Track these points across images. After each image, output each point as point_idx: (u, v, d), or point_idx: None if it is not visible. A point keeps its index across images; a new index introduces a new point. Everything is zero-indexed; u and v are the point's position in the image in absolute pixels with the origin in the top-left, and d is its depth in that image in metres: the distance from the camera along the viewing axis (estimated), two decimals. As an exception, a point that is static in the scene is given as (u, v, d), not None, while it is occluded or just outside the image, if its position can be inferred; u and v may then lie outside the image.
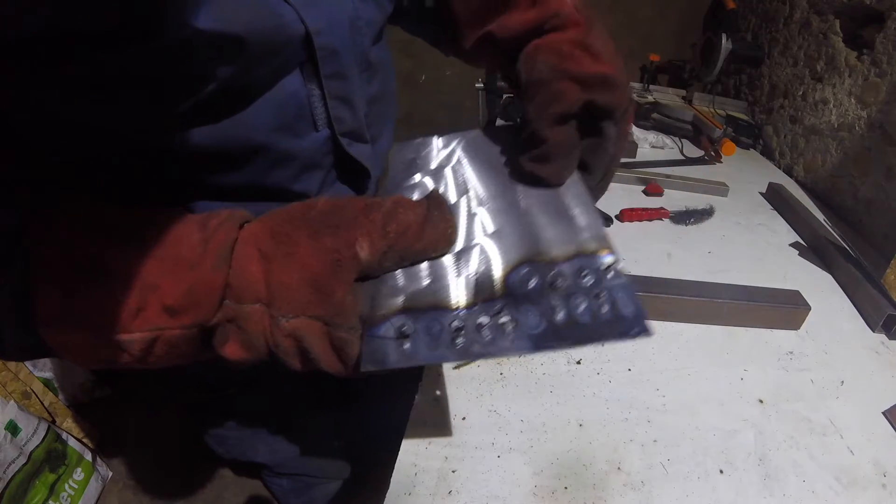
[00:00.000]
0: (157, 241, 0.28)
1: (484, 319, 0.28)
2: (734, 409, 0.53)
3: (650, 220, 0.88)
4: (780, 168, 1.22)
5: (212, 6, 0.29)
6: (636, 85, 1.41)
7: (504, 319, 0.28)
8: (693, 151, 1.22)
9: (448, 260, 0.31)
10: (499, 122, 1.31)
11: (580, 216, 0.33)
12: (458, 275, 0.30)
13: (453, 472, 0.44)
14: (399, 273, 0.30)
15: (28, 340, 0.29)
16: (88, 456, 1.22)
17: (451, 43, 0.47)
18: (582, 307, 0.29)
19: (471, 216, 0.34)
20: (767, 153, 1.29)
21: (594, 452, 0.47)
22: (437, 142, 0.41)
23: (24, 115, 0.31)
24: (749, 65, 1.34)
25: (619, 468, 0.46)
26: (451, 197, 0.35)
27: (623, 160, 1.11)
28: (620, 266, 0.31)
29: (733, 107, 1.38)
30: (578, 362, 0.57)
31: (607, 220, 0.85)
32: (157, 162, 0.36)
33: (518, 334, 0.28)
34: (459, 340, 0.28)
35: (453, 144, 0.40)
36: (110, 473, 1.29)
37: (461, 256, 0.31)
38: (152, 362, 0.30)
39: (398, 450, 0.46)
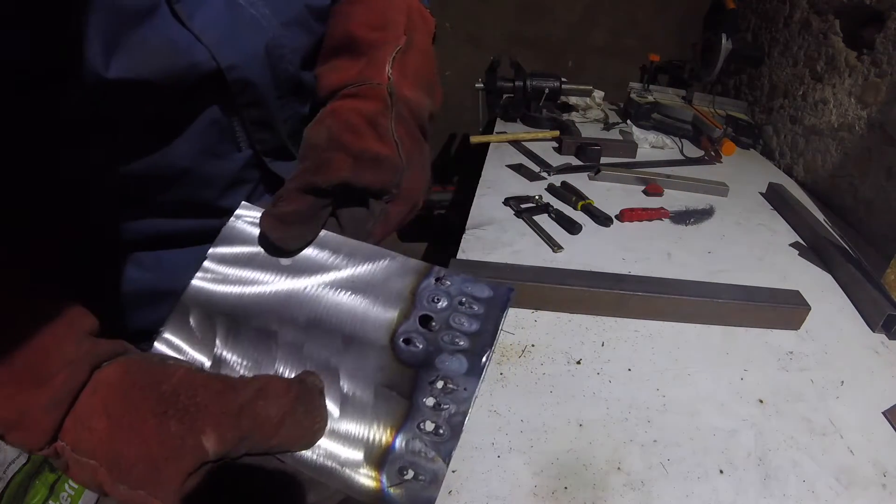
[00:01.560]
0: (21, 341, 0.27)
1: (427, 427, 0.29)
2: (734, 409, 0.53)
3: (650, 220, 0.88)
4: (780, 168, 1.22)
5: (121, 55, 0.30)
6: (636, 85, 1.41)
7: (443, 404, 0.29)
8: (693, 151, 1.22)
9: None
10: (498, 124, 1.30)
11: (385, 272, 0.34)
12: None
13: (453, 472, 0.44)
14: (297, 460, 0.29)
15: None
16: (88, 456, 1.22)
17: None
18: (464, 320, 0.31)
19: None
20: (767, 153, 1.29)
21: (594, 452, 0.47)
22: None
23: None
24: (749, 65, 1.34)
25: (619, 468, 0.46)
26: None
27: (623, 160, 1.11)
28: (441, 270, 0.33)
29: (733, 107, 1.38)
30: (578, 362, 0.57)
31: (607, 220, 0.85)
32: (91, 184, 0.37)
33: (464, 389, 0.29)
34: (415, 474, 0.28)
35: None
36: (110, 473, 1.29)
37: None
38: None
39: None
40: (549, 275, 0.64)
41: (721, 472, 0.47)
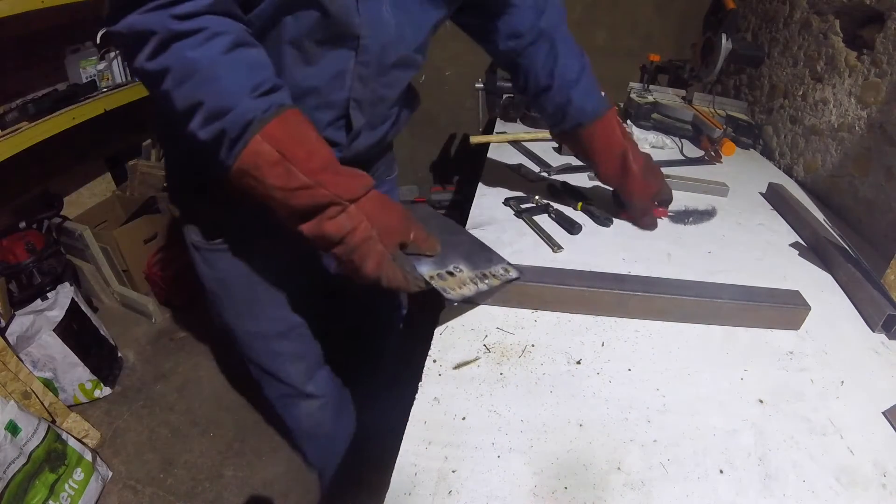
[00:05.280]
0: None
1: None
2: (734, 409, 0.53)
3: (650, 220, 0.88)
4: (780, 168, 1.22)
5: None
6: (636, 85, 1.41)
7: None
8: (693, 151, 1.22)
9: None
10: (498, 124, 1.31)
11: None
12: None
13: (453, 472, 0.44)
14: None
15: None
16: (88, 456, 1.22)
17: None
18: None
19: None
20: (767, 153, 1.29)
21: (594, 452, 0.47)
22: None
23: None
24: (749, 65, 1.34)
25: (619, 468, 0.46)
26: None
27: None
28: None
29: (733, 107, 1.38)
30: (578, 362, 0.57)
31: (607, 221, 0.85)
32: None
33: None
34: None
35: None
36: (110, 473, 1.29)
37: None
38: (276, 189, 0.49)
39: (398, 450, 0.46)
40: (549, 275, 0.64)
41: (721, 472, 0.47)
